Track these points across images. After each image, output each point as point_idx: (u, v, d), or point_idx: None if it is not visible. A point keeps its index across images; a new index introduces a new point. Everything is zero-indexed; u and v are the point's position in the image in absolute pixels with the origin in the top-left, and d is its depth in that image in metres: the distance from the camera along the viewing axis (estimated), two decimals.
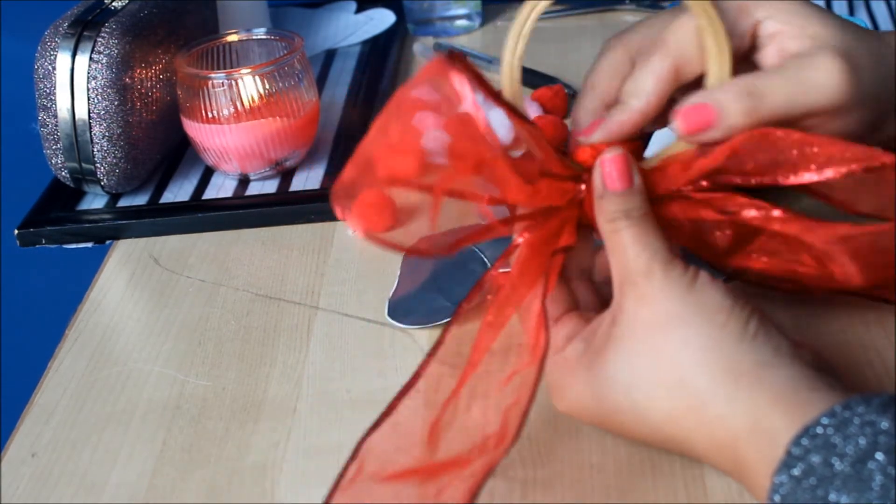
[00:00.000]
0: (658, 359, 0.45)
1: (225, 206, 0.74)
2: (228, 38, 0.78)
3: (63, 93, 0.72)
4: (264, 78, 0.73)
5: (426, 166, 0.44)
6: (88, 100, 0.71)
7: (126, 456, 0.54)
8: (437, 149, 0.45)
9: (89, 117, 0.72)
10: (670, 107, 0.51)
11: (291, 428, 0.55)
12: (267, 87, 0.74)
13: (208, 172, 0.79)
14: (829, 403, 0.41)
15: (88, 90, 0.71)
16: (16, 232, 0.73)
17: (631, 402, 0.46)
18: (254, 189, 0.76)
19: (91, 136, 0.72)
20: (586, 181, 0.50)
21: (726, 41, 0.49)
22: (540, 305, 0.48)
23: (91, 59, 0.71)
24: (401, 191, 0.45)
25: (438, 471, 0.45)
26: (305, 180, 0.76)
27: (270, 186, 0.76)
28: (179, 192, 0.76)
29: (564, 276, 0.53)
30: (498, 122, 0.46)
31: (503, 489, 0.49)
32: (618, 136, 0.51)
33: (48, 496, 0.53)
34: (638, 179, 0.49)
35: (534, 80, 0.86)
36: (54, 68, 0.71)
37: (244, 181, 0.76)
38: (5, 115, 1.08)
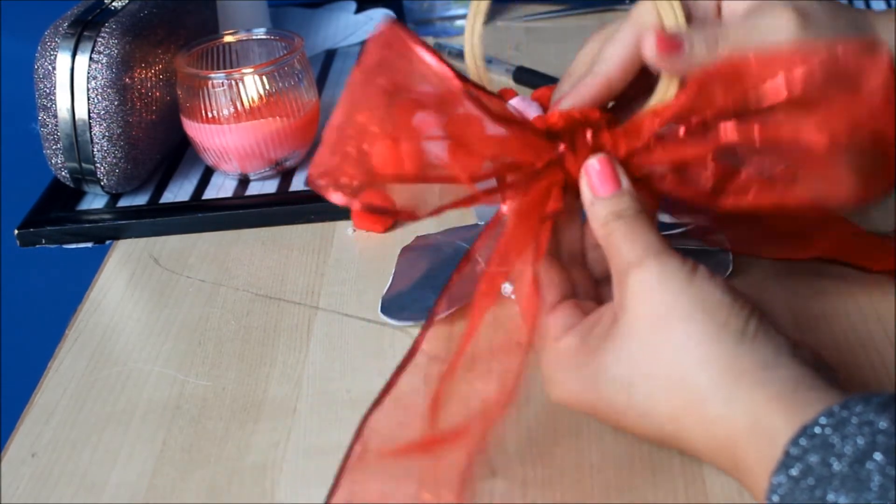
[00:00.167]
0: (658, 356, 0.45)
1: (225, 206, 0.74)
2: (228, 38, 0.78)
3: (63, 93, 0.72)
4: (264, 78, 0.73)
5: (400, 154, 0.46)
6: (88, 100, 0.71)
7: (126, 456, 0.54)
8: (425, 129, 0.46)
9: (89, 117, 0.72)
10: (639, 83, 0.54)
11: (291, 428, 0.55)
12: (267, 87, 0.74)
13: (208, 172, 0.79)
14: (828, 403, 0.41)
15: (88, 90, 0.71)
16: (16, 232, 0.73)
17: (631, 401, 0.46)
18: (254, 189, 0.76)
19: (91, 136, 0.72)
20: (564, 140, 0.51)
21: (682, 11, 0.53)
22: (532, 272, 0.48)
23: (91, 59, 0.71)
24: (401, 191, 0.46)
25: (441, 441, 0.45)
26: (305, 180, 0.76)
27: (270, 186, 0.76)
28: (179, 192, 0.76)
29: (558, 261, 0.53)
30: None
31: (503, 489, 0.49)
32: (587, 100, 0.53)
33: (48, 496, 0.53)
34: (625, 181, 0.50)
35: (534, 80, 0.86)
36: (54, 68, 0.71)
37: (244, 181, 0.76)
38: (5, 115, 1.08)
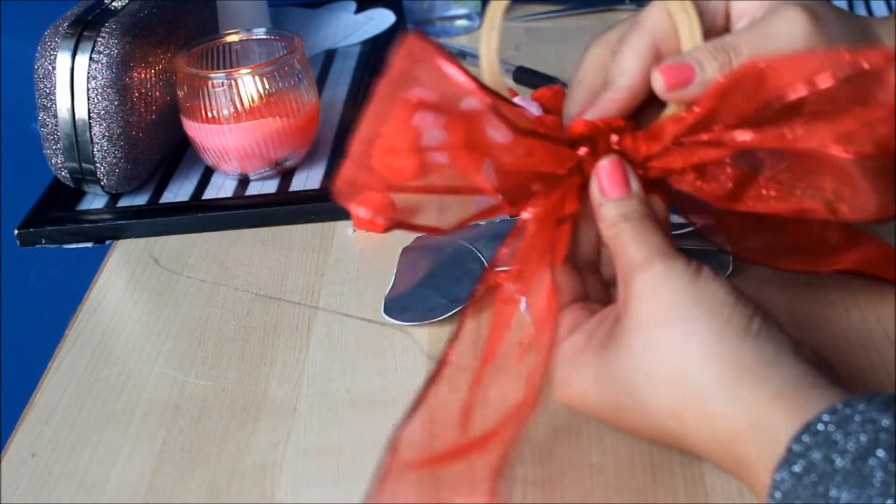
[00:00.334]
0: (661, 354, 0.45)
1: (225, 206, 0.74)
2: (228, 38, 0.78)
3: (63, 93, 0.72)
4: (264, 78, 0.73)
5: (425, 165, 0.45)
6: (88, 100, 0.71)
7: (126, 456, 0.54)
8: (432, 139, 0.45)
9: (89, 117, 0.72)
10: None
11: (291, 428, 0.55)
12: (267, 87, 0.74)
13: (208, 172, 0.79)
14: (831, 401, 0.41)
15: (88, 90, 0.71)
16: (16, 232, 0.73)
17: (634, 398, 0.46)
18: (254, 189, 0.76)
19: (91, 136, 0.72)
20: (585, 145, 0.51)
21: (695, 13, 0.51)
22: (551, 275, 0.48)
23: (91, 59, 0.71)
24: (426, 204, 0.46)
25: (473, 447, 0.45)
26: (305, 180, 0.76)
27: (270, 186, 0.76)
28: (179, 192, 0.76)
29: (572, 265, 0.53)
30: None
31: (503, 489, 0.48)
32: (612, 114, 0.52)
33: (48, 496, 0.53)
34: (635, 184, 0.50)
35: (534, 80, 0.86)
36: (54, 68, 0.71)
37: (244, 181, 0.76)
38: (5, 115, 1.08)
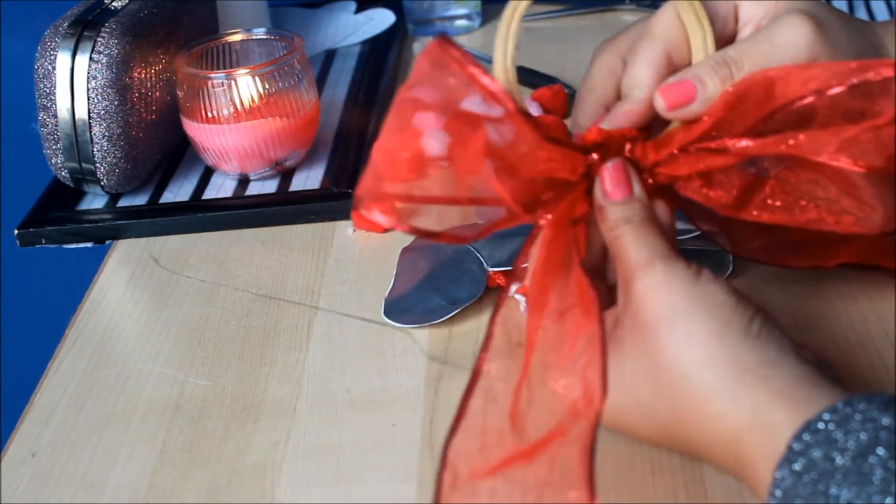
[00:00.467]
0: (662, 356, 0.45)
1: (225, 206, 0.74)
2: (228, 38, 0.78)
3: (63, 93, 0.72)
4: (264, 78, 0.73)
5: (436, 170, 0.45)
6: (88, 100, 0.71)
7: (126, 456, 0.54)
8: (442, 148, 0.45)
9: (89, 117, 0.72)
10: None
11: (291, 428, 0.55)
12: (266, 87, 0.74)
13: (208, 172, 0.79)
14: (831, 400, 0.41)
15: (88, 90, 0.71)
16: (16, 232, 0.73)
17: (635, 401, 0.46)
18: (254, 189, 0.76)
19: (91, 136, 0.72)
20: (597, 151, 0.51)
21: (706, 20, 0.51)
22: (579, 269, 0.48)
23: (91, 59, 0.71)
24: (447, 213, 0.46)
25: (538, 449, 0.44)
26: (305, 180, 0.76)
27: (270, 186, 0.76)
28: (179, 192, 0.76)
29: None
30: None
31: (503, 489, 0.48)
32: (625, 125, 0.51)
33: (48, 496, 0.53)
34: (638, 188, 0.50)
35: (534, 80, 0.86)
36: (54, 68, 0.71)
37: (244, 181, 0.76)
38: (5, 115, 1.08)
